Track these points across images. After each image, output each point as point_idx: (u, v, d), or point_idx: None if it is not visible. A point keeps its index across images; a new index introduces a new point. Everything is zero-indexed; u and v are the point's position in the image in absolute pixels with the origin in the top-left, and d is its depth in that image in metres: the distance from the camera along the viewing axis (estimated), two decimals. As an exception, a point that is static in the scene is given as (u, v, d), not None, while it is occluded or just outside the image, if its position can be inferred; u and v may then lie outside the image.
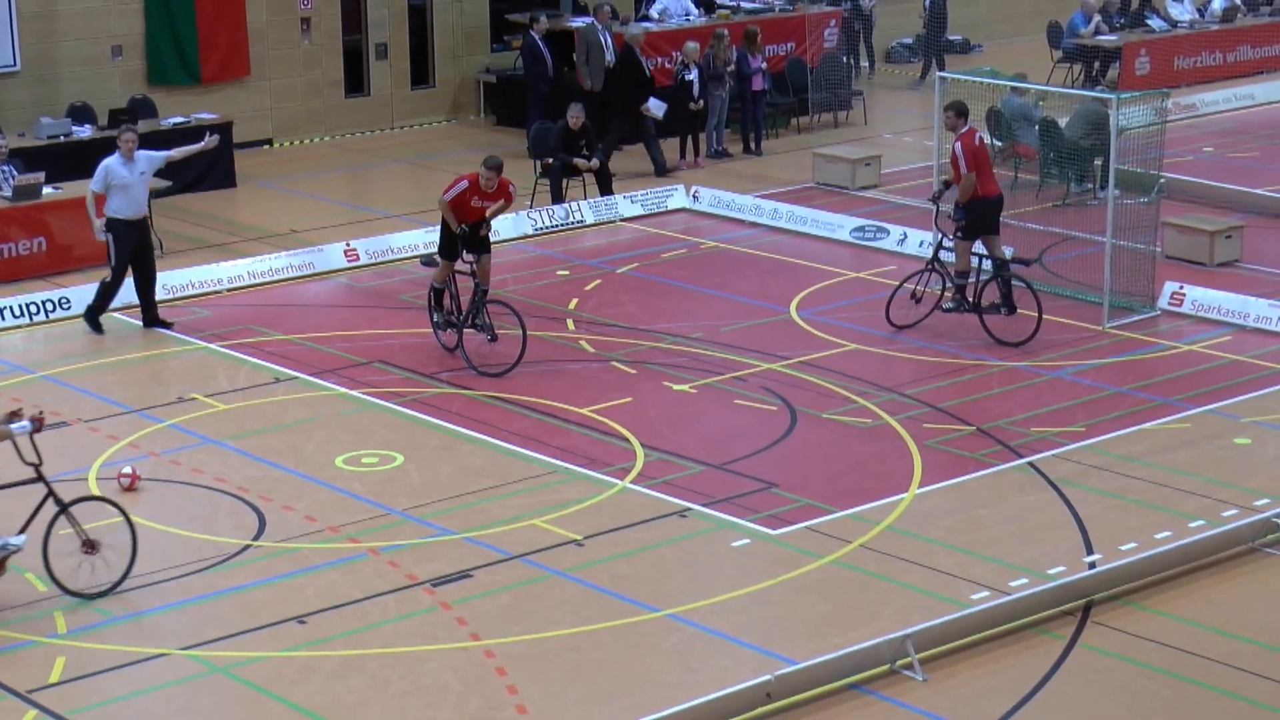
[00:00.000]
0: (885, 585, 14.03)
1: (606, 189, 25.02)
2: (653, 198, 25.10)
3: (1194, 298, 20.42)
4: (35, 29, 26.42)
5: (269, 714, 12.30)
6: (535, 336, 18.96)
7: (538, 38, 28.24)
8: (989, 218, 19.50)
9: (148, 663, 12.92)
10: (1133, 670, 12.74)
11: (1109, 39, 32.76)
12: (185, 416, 17.61)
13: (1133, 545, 14.54)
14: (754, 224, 24.27)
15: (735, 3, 31.95)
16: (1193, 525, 14.96)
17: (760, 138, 28.69)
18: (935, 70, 29.38)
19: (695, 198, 25.17)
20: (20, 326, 20.28)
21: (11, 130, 24.84)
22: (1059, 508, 15.42)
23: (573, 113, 24.86)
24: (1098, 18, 32.98)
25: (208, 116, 26.10)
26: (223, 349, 19.53)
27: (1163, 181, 20.76)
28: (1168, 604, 13.69)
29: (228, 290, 21.57)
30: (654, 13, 30.50)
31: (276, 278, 21.98)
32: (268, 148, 28.72)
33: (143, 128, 24.85)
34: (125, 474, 15.82)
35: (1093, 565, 14.21)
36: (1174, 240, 22.25)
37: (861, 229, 23.48)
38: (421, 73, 30.50)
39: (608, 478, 16.04)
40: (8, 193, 21.96)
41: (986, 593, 13.79)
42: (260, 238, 23.77)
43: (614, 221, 24.56)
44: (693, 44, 27.88)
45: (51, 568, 13.69)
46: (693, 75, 27.42)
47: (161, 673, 12.80)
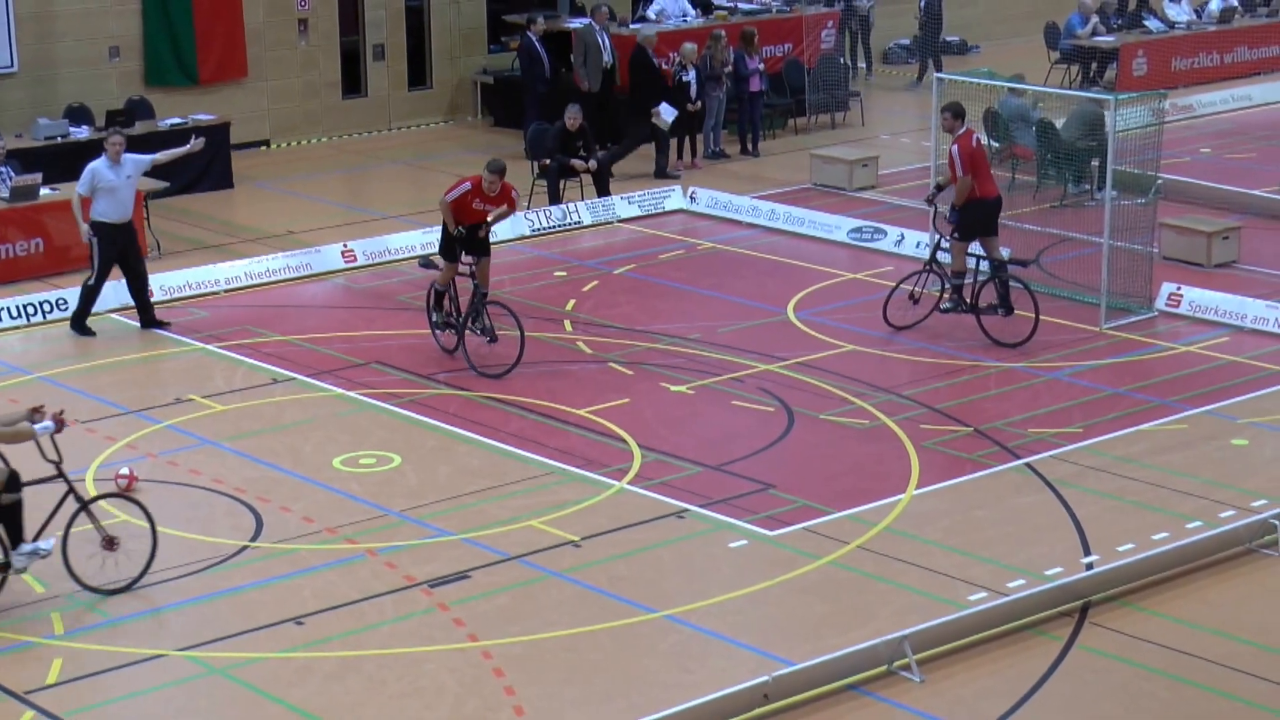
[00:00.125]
0: (882, 586, 14.04)
1: (604, 190, 25.02)
2: (650, 199, 25.10)
3: (1191, 299, 20.43)
4: (33, 30, 26.42)
5: (266, 715, 12.30)
6: (532, 337, 18.96)
7: (535, 39, 28.23)
8: (986, 219, 19.50)
9: (145, 664, 12.92)
10: (1130, 671, 12.74)
11: (1106, 40, 32.77)
12: (183, 417, 17.60)
13: (1130, 546, 14.54)
14: (751, 225, 24.27)
15: (733, 4, 31.94)
16: (1190, 526, 14.97)
17: (757, 139, 28.69)
18: (932, 71, 29.41)
19: (692, 199, 25.17)
20: (17, 328, 20.27)
21: (9, 131, 24.82)
22: (1056, 509, 15.43)
23: (570, 114, 24.86)
24: (1095, 19, 32.98)
25: (205, 118, 26.10)
26: (220, 350, 19.52)
27: (1160, 183, 20.78)
28: (1165, 605, 13.69)
29: (225, 291, 21.56)
30: (651, 14, 30.48)
31: (274, 279, 21.97)
32: (265, 149, 28.72)
33: (140, 129, 24.96)
34: (122, 475, 15.81)
35: (1090, 566, 14.21)
36: (1171, 241, 22.25)
37: (859, 230, 23.48)
38: (419, 74, 30.51)
39: (605, 479, 16.04)
40: (5, 194, 21.94)
41: (984, 594, 13.79)
42: (258, 239, 23.76)
43: (611, 222, 24.56)
44: (690, 45, 27.89)
45: (71, 564, 13.73)
46: (690, 76, 27.42)
47: (159, 674, 12.80)
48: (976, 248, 19.59)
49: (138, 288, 20.10)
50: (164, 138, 24.17)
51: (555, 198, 24.81)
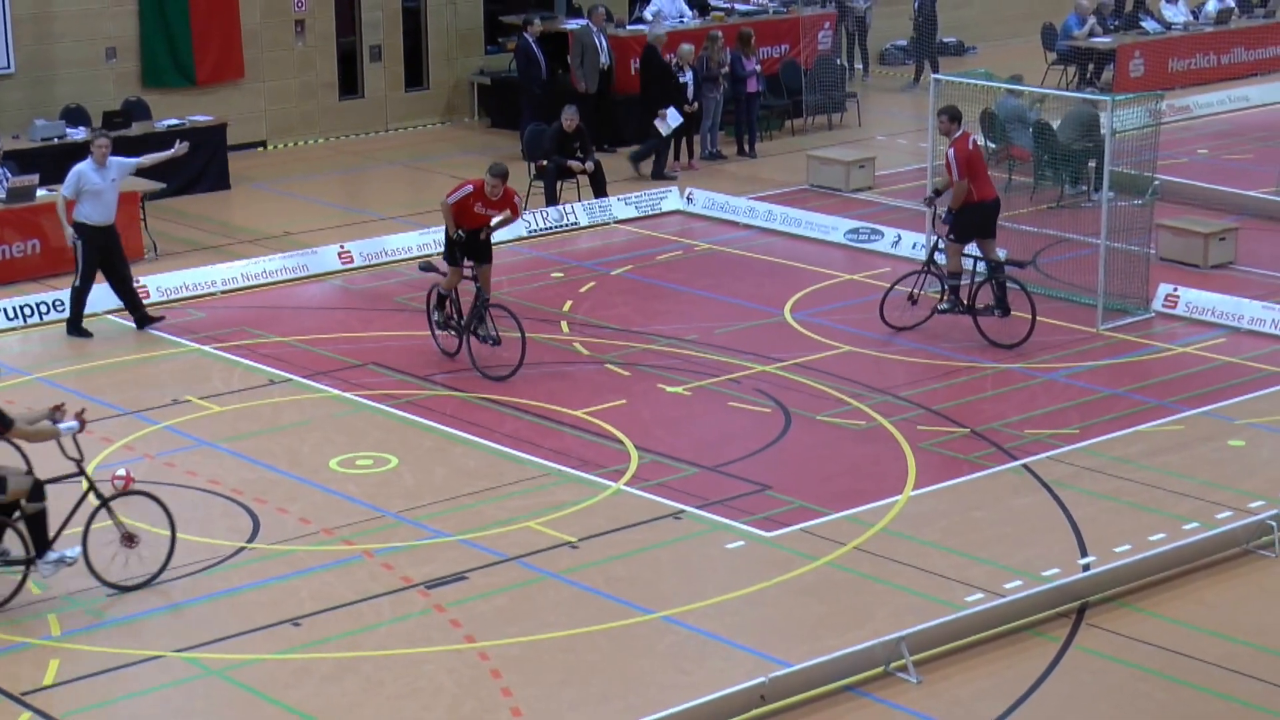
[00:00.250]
0: (879, 587, 14.04)
1: (601, 191, 25.02)
2: (647, 200, 25.10)
3: (1188, 300, 20.44)
4: (30, 31, 26.41)
5: (264, 716, 12.30)
6: (529, 338, 18.93)
7: (532, 40, 28.23)
8: (983, 221, 19.51)
9: (142, 665, 12.91)
10: (1127, 672, 12.74)
11: (1103, 41, 32.78)
12: (179, 419, 17.60)
13: (1127, 547, 14.55)
14: (748, 226, 24.27)
15: (729, 5, 31.96)
16: (1187, 527, 14.97)
17: (754, 140, 28.69)
18: (929, 72, 29.41)
19: (689, 200, 25.17)
20: (14, 329, 20.27)
21: (6, 132, 24.83)
22: (1053, 510, 15.43)
23: (567, 115, 24.85)
24: (1092, 20, 33.00)
25: (202, 119, 26.10)
26: (217, 351, 19.51)
27: (1157, 184, 20.78)
28: (1162, 606, 13.70)
29: (222, 292, 21.55)
30: (648, 15, 30.50)
31: (271, 280, 21.96)
32: (262, 150, 28.71)
33: (137, 130, 24.97)
34: (119, 476, 15.75)
35: (1087, 567, 14.21)
36: (1168, 242, 22.26)
37: (855, 231, 23.49)
38: (415, 75, 30.50)
39: (602, 480, 16.04)
40: (2, 194, 21.94)
41: (981, 595, 13.79)
42: (254, 240, 23.76)
43: (608, 223, 24.56)
44: (687, 46, 27.90)
45: (91, 560, 13.77)
46: (687, 77, 27.42)
47: (156, 675, 12.80)
48: (974, 248, 19.60)
49: (123, 290, 20.11)
50: (161, 139, 24.15)
51: (552, 199, 24.80)
